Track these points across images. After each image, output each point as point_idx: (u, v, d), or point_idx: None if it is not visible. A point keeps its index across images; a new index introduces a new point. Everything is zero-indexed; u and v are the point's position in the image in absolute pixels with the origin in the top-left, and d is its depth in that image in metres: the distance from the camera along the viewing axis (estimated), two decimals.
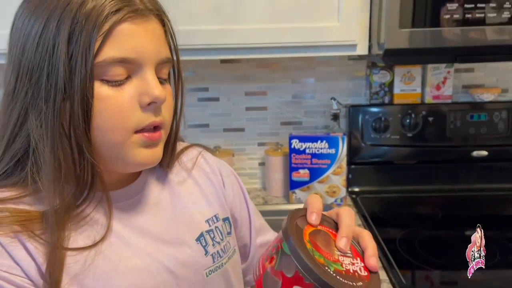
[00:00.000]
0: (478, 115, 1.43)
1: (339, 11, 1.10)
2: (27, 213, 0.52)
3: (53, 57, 0.49)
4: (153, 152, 0.55)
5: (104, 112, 0.51)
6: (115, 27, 0.50)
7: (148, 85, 0.53)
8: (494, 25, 1.03)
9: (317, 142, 1.32)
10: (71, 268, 0.51)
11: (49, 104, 0.49)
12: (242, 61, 1.46)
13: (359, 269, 0.46)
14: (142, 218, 0.60)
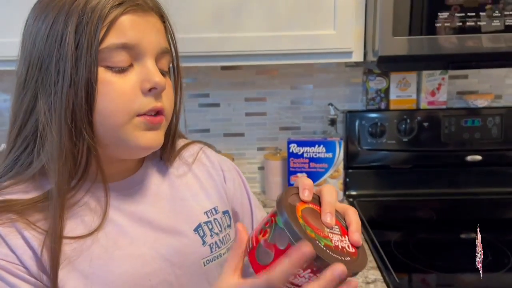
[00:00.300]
0: (472, 121, 1.46)
1: (335, 19, 1.13)
2: (23, 202, 0.54)
3: (61, 47, 0.53)
4: (154, 135, 0.58)
5: (107, 96, 0.54)
6: (118, 18, 0.54)
7: (149, 72, 0.56)
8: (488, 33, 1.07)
9: (314, 147, 1.36)
10: (68, 255, 0.54)
11: (57, 89, 0.53)
12: (242, 67, 1.50)
13: (347, 246, 0.48)
14: (141, 208, 0.62)
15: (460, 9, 1.06)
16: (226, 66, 1.49)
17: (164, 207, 0.64)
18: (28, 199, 0.55)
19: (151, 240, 0.60)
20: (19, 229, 0.53)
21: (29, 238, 0.53)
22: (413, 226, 1.28)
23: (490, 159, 1.47)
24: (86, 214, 0.57)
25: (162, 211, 0.63)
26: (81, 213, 0.57)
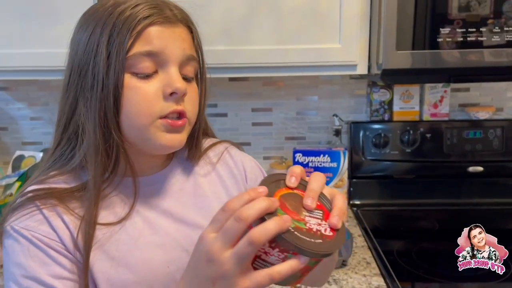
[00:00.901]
0: (474, 132, 1.49)
1: (340, 34, 1.18)
2: (64, 190, 0.62)
3: (96, 56, 0.59)
4: (175, 137, 0.62)
5: (132, 99, 0.60)
6: (145, 29, 0.60)
7: (171, 78, 0.61)
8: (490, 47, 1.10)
9: (319, 156, 1.39)
10: (99, 238, 0.61)
11: (92, 93, 0.60)
12: (249, 79, 1.54)
13: (324, 229, 0.50)
14: (165, 202, 0.68)
15: (462, 23, 1.10)
16: (234, 78, 1.53)
17: (187, 202, 0.69)
18: (68, 188, 0.62)
19: (172, 231, 0.65)
20: (59, 213, 0.60)
21: (68, 222, 0.60)
22: (416, 235, 1.30)
23: (491, 170, 1.50)
24: (117, 204, 0.64)
25: (184, 206, 0.69)
26: (113, 204, 0.64)
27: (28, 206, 0.60)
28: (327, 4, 1.16)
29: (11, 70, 1.22)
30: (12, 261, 0.59)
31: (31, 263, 0.58)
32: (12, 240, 0.59)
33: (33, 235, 0.59)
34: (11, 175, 1.38)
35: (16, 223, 0.59)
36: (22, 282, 0.57)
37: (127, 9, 0.60)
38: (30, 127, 1.60)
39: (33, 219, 0.60)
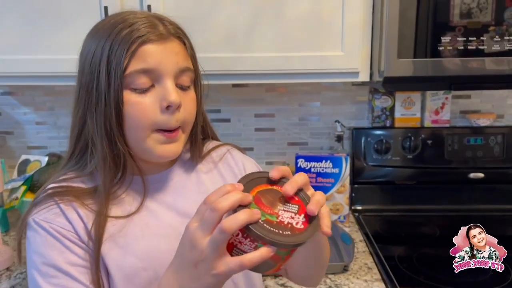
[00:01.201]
0: (475, 139, 1.51)
1: (343, 41, 1.20)
2: (81, 189, 0.69)
3: (99, 74, 0.65)
4: (170, 148, 0.68)
5: (132, 114, 0.65)
6: (139, 47, 0.65)
7: (166, 91, 0.66)
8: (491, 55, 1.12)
9: (322, 162, 1.40)
10: (110, 230, 0.67)
11: (97, 109, 0.65)
12: (252, 85, 1.56)
13: (296, 223, 0.54)
14: (170, 197, 0.74)
15: (463, 31, 1.12)
16: (237, 84, 1.54)
17: (190, 197, 0.74)
18: (85, 188, 0.69)
19: (177, 224, 0.70)
20: (75, 207, 0.67)
21: (82, 215, 0.67)
22: (417, 241, 1.31)
23: (492, 177, 1.51)
24: (128, 200, 0.71)
25: (188, 201, 0.74)
26: (124, 201, 0.70)
27: (48, 201, 0.67)
28: (330, 12, 1.18)
29: (17, 76, 1.24)
30: (33, 250, 0.65)
31: (49, 251, 0.64)
32: (33, 231, 0.65)
33: (51, 227, 0.65)
34: (17, 179, 1.40)
35: (37, 216, 0.66)
36: (42, 269, 0.64)
37: (124, 28, 0.65)
38: (35, 131, 1.62)
39: (51, 212, 0.66)
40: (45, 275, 0.64)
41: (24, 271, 1.13)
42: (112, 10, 1.16)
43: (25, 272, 1.12)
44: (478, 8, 1.12)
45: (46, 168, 1.41)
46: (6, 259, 1.15)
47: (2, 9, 1.20)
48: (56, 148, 1.61)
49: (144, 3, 1.17)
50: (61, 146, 1.61)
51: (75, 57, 1.19)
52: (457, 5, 1.11)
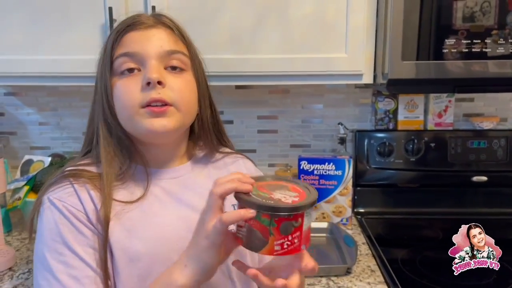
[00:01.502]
0: (478, 142, 1.50)
1: (347, 43, 1.20)
2: (93, 173, 0.73)
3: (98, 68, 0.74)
4: (157, 121, 0.70)
5: (118, 96, 0.71)
6: (123, 36, 0.72)
7: (146, 70, 0.70)
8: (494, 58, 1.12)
9: (324, 164, 1.40)
10: (117, 212, 0.70)
11: (96, 99, 0.74)
12: (256, 87, 1.56)
13: (284, 198, 0.58)
14: (180, 190, 0.77)
15: (466, 34, 1.12)
16: (240, 85, 1.54)
17: (200, 193, 0.74)
18: (97, 173, 0.73)
19: (184, 216, 0.73)
20: (87, 189, 0.70)
21: (94, 196, 0.70)
22: (420, 244, 1.31)
23: (495, 180, 1.50)
24: (135, 187, 0.74)
25: (198, 196, 0.75)
26: (131, 186, 0.74)
27: (63, 181, 0.71)
28: (334, 14, 1.18)
29: (21, 76, 1.24)
30: (44, 226, 0.68)
31: (60, 229, 0.67)
32: (46, 209, 0.69)
33: (64, 205, 0.68)
34: (20, 179, 1.40)
35: (51, 194, 0.69)
36: (51, 245, 0.66)
37: (118, 26, 0.74)
38: (38, 132, 1.62)
39: (65, 191, 0.69)
40: (53, 251, 0.66)
41: (27, 271, 1.13)
42: (116, 10, 1.16)
43: (27, 272, 1.12)
44: (481, 11, 1.12)
45: (49, 168, 1.41)
46: (9, 259, 1.15)
47: (6, 9, 1.20)
48: (59, 149, 1.61)
49: (148, 4, 1.17)
50: (64, 147, 1.62)
51: (79, 57, 1.21)
52: (460, 8, 1.11)
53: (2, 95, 1.60)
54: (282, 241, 0.56)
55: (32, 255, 1.20)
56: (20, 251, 1.25)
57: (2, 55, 1.22)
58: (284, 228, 0.55)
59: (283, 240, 0.56)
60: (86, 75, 1.22)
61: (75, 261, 0.66)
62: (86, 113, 1.54)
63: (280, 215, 0.55)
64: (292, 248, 0.57)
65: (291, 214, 0.55)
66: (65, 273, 0.65)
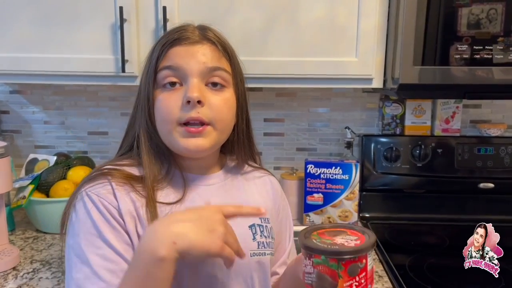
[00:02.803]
0: (485, 149, 1.50)
1: (357, 47, 1.19)
2: (132, 175, 0.73)
3: (142, 77, 0.76)
4: (192, 141, 0.71)
5: (159, 109, 0.72)
6: (168, 50, 0.73)
7: (188, 88, 0.70)
8: (501, 65, 1.12)
9: (331, 168, 1.40)
10: (163, 214, 0.71)
11: (139, 107, 0.76)
12: (263, 89, 1.55)
13: (346, 242, 0.60)
14: (213, 197, 0.77)
15: (476, 41, 1.12)
16: (248, 88, 1.53)
17: (227, 200, 0.79)
18: (138, 175, 0.74)
19: None
20: (127, 191, 0.71)
21: (134, 199, 0.70)
22: (426, 250, 1.30)
23: (502, 187, 1.50)
24: (173, 190, 0.75)
25: (225, 202, 0.76)
26: (169, 189, 0.75)
27: (101, 178, 0.71)
28: (345, 18, 1.18)
29: (28, 74, 1.24)
30: (81, 219, 0.68)
31: (97, 222, 0.67)
32: (82, 202, 0.69)
33: (101, 201, 0.68)
34: (24, 177, 1.39)
35: (89, 189, 0.70)
36: (88, 237, 0.66)
37: (164, 37, 0.75)
38: (43, 130, 1.61)
39: (103, 188, 0.70)
40: (90, 245, 0.66)
41: (31, 270, 1.12)
42: (127, 10, 1.16)
43: (32, 271, 1.11)
44: (487, 18, 1.12)
45: (54, 168, 1.40)
46: (13, 258, 1.14)
47: (15, 7, 1.19)
48: (64, 148, 1.60)
49: (159, 5, 1.17)
50: (68, 146, 1.61)
51: (88, 57, 1.20)
52: (465, 15, 1.11)
53: (8, 93, 1.60)
54: (351, 283, 0.59)
55: (36, 255, 1.20)
56: (23, 250, 1.24)
57: (9, 53, 1.22)
58: (351, 270, 0.59)
59: (352, 281, 0.59)
60: (94, 74, 1.22)
61: (112, 255, 0.66)
62: (91, 113, 1.58)
63: (346, 258, 0.58)
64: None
65: (356, 257, 0.58)
66: (102, 266, 0.65)
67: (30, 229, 1.39)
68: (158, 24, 1.19)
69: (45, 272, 1.11)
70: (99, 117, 1.60)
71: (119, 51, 1.18)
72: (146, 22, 1.19)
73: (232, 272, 0.73)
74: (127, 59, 1.19)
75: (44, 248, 1.25)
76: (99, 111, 1.59)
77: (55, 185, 1.36)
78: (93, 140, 1.61)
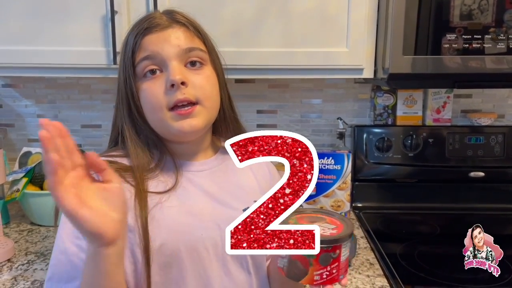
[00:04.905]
0: (476, 138, 1.52)
1: (347, 38, 1.20)
2: (124, 165, 0.74)
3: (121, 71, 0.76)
4: (188, 122, 0.72)
5: (145, 99, 0.73)
6: (141, 40, 0.74)
7: (169, 72, 0.71)
8: (491, 55, 1.13)
9: (323, 159, 1.40)
10: (148, 203, 0.71)
11: (121, 102, 0.76)
12: (255, 81, 1.56)
13: (323, 230, 0.60)
14: (207, 183, 0.79)
15: (465, 31, 1.13)
16: (240, 79, 1.54)
17: (225, 187, 0.80)
18: (127, 165, 0.74)
19: (209, 207, 0.76)
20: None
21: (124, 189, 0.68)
22: (418, 239, 1.32)
23: (492, 176, 1.52)
24: (165, 179, 0.75)
25: (223, 189, 0.79)
26: (162, 178, 0.75)
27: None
28: (335, 8, 1.18)
29: (20, 67, 1.24)
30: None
31: None
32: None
33: None
34: (18, 171, 1.39)
35: None
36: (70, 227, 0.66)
37: (134, 28, 0.76)
38: (36, 124, 1.61)
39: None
40: (70, 234, 0.67)
41: (26, 262, 1.12)
42: (118, 2, 1.16)
43: (26, 263, 1.12)
44: (479, 9, 1.13)
45: None
46: (7, 251, 1.14)
47: (5, 0, 1.19)
48: None
49: None
50: None
51: (79, 49, 1.20)
52: (457, 6, 1.12)
53: (0, 86, 1.59)
54: (322, 271, 0.59)
55: (31, 247, 1.21)
56: (18, 243, 1.24)
57: (0, 46, 1.21)
58: (323, 259, 0.59)
59: (323, 270, 0.59)
60: (86, 66, 1.22)
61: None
62: (84, 106, 1.58)
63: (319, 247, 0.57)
64: (330, 278, 0.60)
65: (330, 246, 0.58)
66: (77, 256, 0.66)
67: (25, 222, 1.40)
68: None
69: (39, 263, 1.12)
70: (92, 110, 1.60)
71: (111, 43, 1.18)
72: (137, 13, 1.17)
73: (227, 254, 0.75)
74: (118, 51, 1.19)
75: (38, 240, 1.26)
76: (92, 104, 1.59)
77: None
78: (86, 133, 1.61)
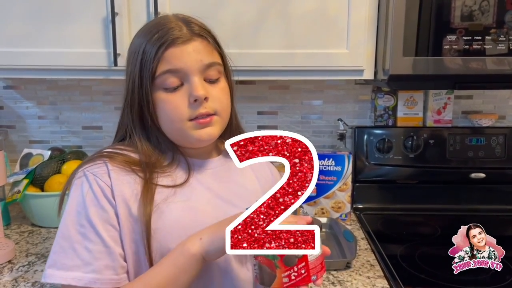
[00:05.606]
0: (477, 139, 1.51)
1: (348, 39, 1.20)
2: (132, 158, 0.77)
3: (135, 78, 0.76)
4: (207, 130, 0.76)
5: (165, 109, 0.75)
6: (164, 52, 0.74)
7: (192, 87, 0.74)
8: (492, 56, 1.13)
9: (324, 160, 1.40)
10: (156, 197, 0.74)
11: (133, 109, 0.77)
12: (256, 82, 1.56)
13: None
14: (212, 181, 0.82)
15: (465, 32, 1.13)
16: (241, 81, 1.54)
17: (229, 187, 0.83)
18: (137, 159, 0.77)
19: (212, 204, 0.79)
20: (125, 173, 0.74)
21: (132, 181, 0.74)
22: (418, 240, 1.32)
23: (493, 177, 1.52)
24: (175, 177, 0.78)
25: (227, 188, 0.82)
26: (171, 176, 0.78)
27: (100, 159, 0.75)
28: (336, 10, 1.19)
29: (21, 69, 1.24)
30: (74, 197, 0.72)
31: (86, 201, 0.71)
32: (79, 180, 0.73)
33: (95, 179, 0.72)
34: (19, 172, 1.40)
35: (87, 168, 0.74)
36: (75, 215, 0.70)
37: (155, 34, 0.75)
38: (37, 125, 1.61)
39: (100, 169, 0.74)
40: (75, 222, 0.70)
41: (27, 263, 1.13)
42: (118, 4, 1.16)
43: (27, 264, 1.12)
44: (480, 10, 1.13)
45: (48, 162, 1.41)
46: (8, 252, 1.14)
47: (7, 2, 1.19)
48: (58, 143, 1.61)
49: None
50: (63, 141, 1.61)
51: (81, 51, 1.20)
52: (458, 7, 1.12)
53: (1, 88, 1.60)
54: (289, 273, 0.59)
55: (31, 248, 1.21)
56: (19, 244, 1.24)
57: (1, 48, 1.22)
58: (287, 260, 0.58)
59: (290, 271, 0.59)
60: (87, 68, 1.23)
61: (92, 234, 0.69)
62: (85, 107, 1.58)
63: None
64: (300, 279, 0.60)
65: None
66: (81, 244, 0.69)
67: (26, 223, 1.40)
68: (149, 17, 1.19)
69: (40, 265, 1.12)
70: (93, 111, 1.60)
71: (111, 45, 1.18)
72: (138, 15, 1.19)
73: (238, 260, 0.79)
74: (119, 52, 1.19)
75: (39, 242, 1.26)
76: (93, 105, 1.60)
77: (50, 179, 1.37)
78: (87, 135, 1.61)
